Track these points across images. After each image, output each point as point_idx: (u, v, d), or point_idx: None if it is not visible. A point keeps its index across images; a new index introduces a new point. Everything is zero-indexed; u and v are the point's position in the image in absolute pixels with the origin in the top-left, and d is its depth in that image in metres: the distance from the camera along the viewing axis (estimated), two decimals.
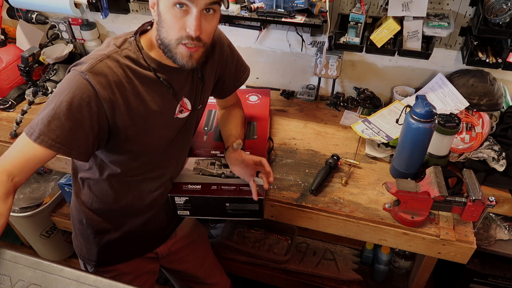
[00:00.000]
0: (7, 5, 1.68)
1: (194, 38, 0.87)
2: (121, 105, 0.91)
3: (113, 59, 0.90)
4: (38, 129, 0.85)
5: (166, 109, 1.01)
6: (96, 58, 0.88)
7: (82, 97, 0.85)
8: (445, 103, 1.47)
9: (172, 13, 0.86)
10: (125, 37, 0.96)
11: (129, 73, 0.92)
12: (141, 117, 0.96)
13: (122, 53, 0.92)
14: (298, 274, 1.76)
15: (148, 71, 0.95)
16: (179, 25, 0.87)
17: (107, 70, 0.88)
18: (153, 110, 0.97)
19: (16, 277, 0.72)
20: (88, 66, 0.86)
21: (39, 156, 0.86)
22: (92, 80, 0.86)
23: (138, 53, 0.94)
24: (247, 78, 1.27)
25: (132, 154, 1.02)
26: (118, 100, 0.90)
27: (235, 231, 1.89)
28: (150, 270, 1.31)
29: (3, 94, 1.74)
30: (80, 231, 1.19)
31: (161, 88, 0.98)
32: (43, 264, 0.74)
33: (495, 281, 1.51)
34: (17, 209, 1.88)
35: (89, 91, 0.86)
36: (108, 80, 0.88)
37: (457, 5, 1.41)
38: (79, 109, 0.85)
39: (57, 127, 0.85)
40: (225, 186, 1.15)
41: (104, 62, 0.88)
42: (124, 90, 0.91)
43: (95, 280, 0.72)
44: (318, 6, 1.41)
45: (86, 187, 1.11)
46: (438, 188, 1.08)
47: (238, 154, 1.16)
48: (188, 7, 0.85)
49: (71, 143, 0.87)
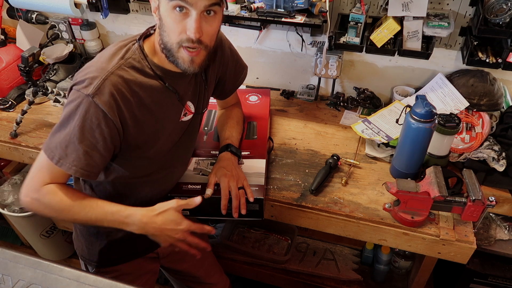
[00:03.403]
0: (7, 5, 1.67)
1: (195, 40, 0.87)
2: (129, 119, 0.93)
3: (117, 75, 0.90)
4: (58, 153, 0.90)
5: (171, 114, 1.02)
6: (100, 77, 0.88)
7: (92, 120, 0.88)
8: (445, 103, 1.47)
9: (172, 17, 0.86)
10: (129, 45, 0.96)
11: (134, 87, 0.92)
12: (149, 126, 0.97)
13: (126, 63, 0.92)
14: (298, 274, 1.76)
15: (153, 79, 0.96)
16: (179, 28, 0.87)
17: (113, 89, 0.88)
18: (160, 118, 0.99)
19: (16, 277, 0.72)
20: (94, 89, 0.87)
21: (63, 174, 0.94)
22: (99, 103, 0.87)
23: (143, 61, 0.94)
24: (245, 76, 1.27)
25: (139, 158, 1.03)
26: (126, 116, 0.92)
27: (235, 231, 1.89)
28: (151, 270, 1.31)
29: (3, 94, 1.73)
30: (81, 232, 1.20)
31: (166, 94, 0.99)
32: (43, 264, 0.74)
33: (495, 281, 1.51)
34: (17, 209, 1.88)
35: (98, 113, 0.87)
36: (115, 99, 0.89)
37: (457, 5, 1.41)
38: (91, 133, 0.88)
39: (73, 151, 0.89)
40: None
41: (109, 81, 0.88)
42: (130, 105, 0.92)
43: (95, 280, 0.72)
44: (318, 6, 1.41)
45: (89, 188, 1.11)
46: (438, 188, 1.08)
47: (229, 162, 1.16)
48: (188, 10, 0.85)
49: (88, 165, 0.91)
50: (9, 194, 1.89)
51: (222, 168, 1.13)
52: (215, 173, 1.13)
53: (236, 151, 1.20)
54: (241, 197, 1.09)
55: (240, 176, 1.13)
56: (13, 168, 2.05)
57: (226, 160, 1.16)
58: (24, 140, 1.52)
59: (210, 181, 1.12)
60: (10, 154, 1.56)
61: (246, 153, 1.27)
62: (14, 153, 1.55)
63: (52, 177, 0.94)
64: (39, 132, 1.56)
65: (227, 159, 1.17)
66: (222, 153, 1.19)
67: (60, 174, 0.94)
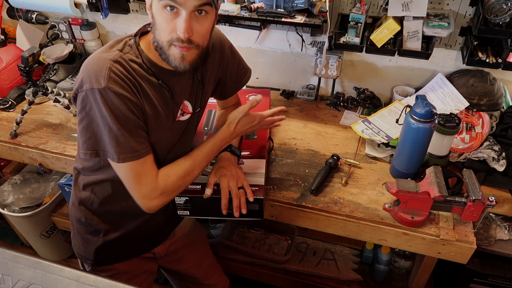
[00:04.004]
0: (7, 5, 1.68)
1: (185, 40, 0.87)
2: (140, 102, 0.94)
3: (119, 63, 0.90)
4: (116, 152, 0.91)
5: (168, 112, 1.02)
6: (105, 67, 0.88)
7: (119, 107, 0.88)
8: (445, 103, 1.47)
9: (163, 16, 0.86)
10: (125, 40, 0.96)
11: (136, 76, 0.93)
12: (151, 120, 0.97)
13: (125, 57, 0.92)
14: (298, 274, 1.76)
15: (149, 75, 0.96)
16: (169, 28, 0.87)
17: (121, 74, 0.89)
18: (160, 112, 0.99)
19: (16, 277, 0.72)
20: (105, 80, 0.86)
21: (147, 159, 0.96)
22: (117, 90, 0.87)
23: (140, 57, 0.95)
24: (248, 79, 1.27)
25: None
26: (139, 99, 0.93)
27: (235, 231, 1.89)
28: (148, 270, 1.31)
29: (3, 94, 1.74)
30: (78, 230, 1.20)
31: (162, 91, 0.99)
32: (43, 264, 0.74)
33: (495, 281, 1.51)
34: (17, 209, 1.88)
35: (120, 98, 0.88)
36: (126, 83, 0.90)
37: (457, 5, 1.41)
38: (125, 117, 0.90)
39: (125, 142, 0.91)
40: None
41: (114, 67, 0.88)
42: (138, 91, 0.93)
43: (95, 280, 0.72)
44: (318, 6, 1.41)
45: (88, 187, 1.11)
46: (438, 188, 1.08)
47: (229, 162, 1.16)
48: (178, 10, 0.85)
49: (145, 144, 0.95)
50: (9, 194, 1.89)
51: (221, 168, 1.13)
52: (214, 173, 1.13)
53: (236, 151, 1.20)
54: (241, 196, 1.09)
55: (240, 176, 1.13)
56: (13, 168, 2.05)
57: (225, 160, 1.16)
58: (24, 140, 1.52)
59: (209, 181, 1.12)
60: (10, 154, 1.56)
61: (246, 153, 1.27)
62: (14, 153, 1.55)
63: (147, 169, 0.96)
64: (39, 132, 1.56)
65: (226, 159, 1.17)
66: (222, 153, 1.19)
67: (147, 161, 0.96)
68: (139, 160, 0.94)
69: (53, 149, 1.48)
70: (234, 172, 1.13)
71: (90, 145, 0.94)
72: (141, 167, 0.95)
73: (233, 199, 1.09)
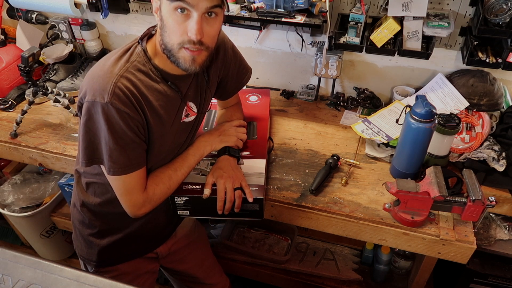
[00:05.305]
0: (7, 5, 1.68)
1: (196, 42, 0.88)
2: (142, 119, 0.95)
3: (126, 78, 0.91)
4: (108, 165, 0.95)
5: (174, 115, 1.03)
6: (111, 82, 0.89)
7: (118, 122, 0.90)
8: (445, 103, 1.47)
9: (173, 18, 0.87)
10: (133, 48, 0.96)
11: (142, 89, 0.93)
12: (157, 129, 0.98)
13: (132, 66, 0.93)
14: (298, 274, 1.76)
15: (157, 82, 0.97)
16: (181, 30, 0.87)
17: (126, 91, 0.90)
18: (166, 121, 1.00)
19: (16, 277, 0.72)
20: (109, 95, 0.88)
21: (139, 173, 0.99)
22: (120, 106, 0.89)
23: (147, 64, 0.95)
24: (249, 79, 1.27)
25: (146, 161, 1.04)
26: (141, 115, 0.94)
27: (235, 231, 1.89)
28: (150, 270, 1.31)
29: (3, 94, 1.74)
30: (80, 232, 1.20)
31: (170, 96, 1.00)
32: (43, 264, 0.74)
33: (495, 281, 1.51)
34: (17, 209, 1.88)
35: (121, 115, 0.90)
36: (130, 100, 0.91)
37: (457, 5, 1.41)
38: (123, 133, 0.91)
39: (118, 156, 0.93)
40: None
41: (120, 83, 0.89)
42: (142, 106, 0.94)
43: (95, 280, 0.72)
44: (318, 6, 1.41)
45: (90, 190, 1.12)
46: (438, 188, 1.08)
47: (227, 163, 1.17)
48: (189, 12, 0.86)
49: (137, 160, 0.97)
50: (9, 194, 1.89)
51: (219, 169, 1.14)
52: (212, 173, 1.13)
53: (234, 153, 1.20)
54: (237, 198, 1.09)
55: (238, 177, 1.12)
56: (13, 168, 2.05)
57: (224, 161, 1.17)
58: (24, 140, 1.52)
59: (207, 181, 1.12)
60: (10, 154, 1.56)
61: (246, 153, 1.27)
62: (14, 153, 1.55)
63: (136, 182, 0.99)
64: (39, 132, 1.56)
65: (225, 160, 1.17)
66: (221, 156, 1.19)
67: (137, 175, 0.98)
68: (129, 174, 0.97)
69: (53, 149, 1.48)
70: (232, 173, 1.13)
71: (87, 155, 0.96)
72: (131, 180, 0.98)
73: (226, 203, 1.09)
